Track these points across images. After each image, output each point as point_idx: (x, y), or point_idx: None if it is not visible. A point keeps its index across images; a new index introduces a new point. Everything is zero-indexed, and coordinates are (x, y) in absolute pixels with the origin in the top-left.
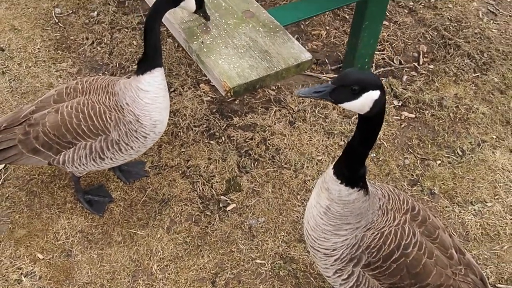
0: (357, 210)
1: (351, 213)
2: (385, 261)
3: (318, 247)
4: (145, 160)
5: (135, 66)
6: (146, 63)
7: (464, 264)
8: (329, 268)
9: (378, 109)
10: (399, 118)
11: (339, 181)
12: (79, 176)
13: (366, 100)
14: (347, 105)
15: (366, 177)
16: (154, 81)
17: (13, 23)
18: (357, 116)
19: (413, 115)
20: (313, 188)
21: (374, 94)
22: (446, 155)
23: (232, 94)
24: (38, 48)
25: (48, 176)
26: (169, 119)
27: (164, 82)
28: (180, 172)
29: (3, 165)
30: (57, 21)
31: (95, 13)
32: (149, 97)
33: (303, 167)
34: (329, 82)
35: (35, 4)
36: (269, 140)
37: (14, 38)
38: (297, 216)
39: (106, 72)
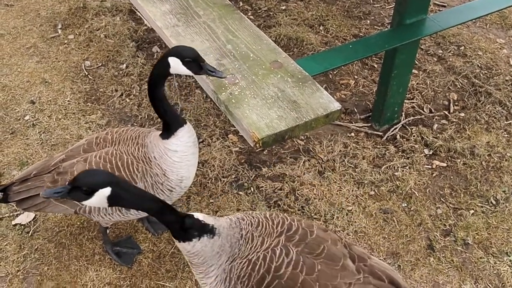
0: (210, 253)
1: (208, 258)
2: (258, 287)
3: None
4: None
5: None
6: (167, 129)
7: (366, 272)
8: None
9: (114, 198)
10: (430, 167)
11: (177, 241)
12: (106, 227)
13: (100, 198)
14: (87, 203)
15: (211, 217)
16: (181, 141)
17: (44, 76)
18: (387, 165)
19: (444, 164)
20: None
21: (106, 191)
22: (479, 204)
23: (261, 144)
24: (68, 101)
25: (76, 227)
26: (197, 170)
27: (192, 137)
28: None
29: (33, 216)
30: (86, 73)
31: (124, 65)
32: (178, 155)
33: (333, 218)
34: (67, 183)
35: (65, 57)
36: (298, 190)
37: (45, 91)
38: None
39: (135, 124)
